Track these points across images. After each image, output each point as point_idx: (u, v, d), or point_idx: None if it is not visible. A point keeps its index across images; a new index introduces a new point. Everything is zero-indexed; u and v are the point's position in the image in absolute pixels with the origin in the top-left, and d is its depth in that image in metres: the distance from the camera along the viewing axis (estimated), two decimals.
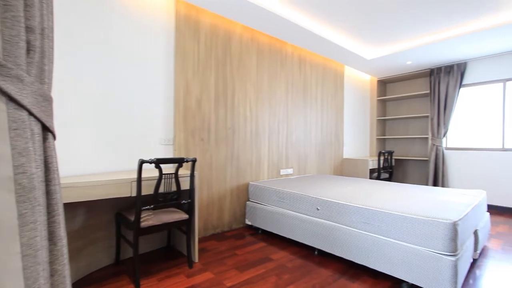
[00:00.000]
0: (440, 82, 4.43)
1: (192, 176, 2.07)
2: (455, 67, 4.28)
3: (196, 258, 2.17)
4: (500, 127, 4.01)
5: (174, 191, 1.96)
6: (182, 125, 2.57)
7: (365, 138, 5.32)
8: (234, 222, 3.01)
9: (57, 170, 0.98)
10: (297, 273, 1.99)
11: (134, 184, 1.83)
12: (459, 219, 1.63)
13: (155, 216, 1.89)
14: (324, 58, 4.21)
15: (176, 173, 1.93)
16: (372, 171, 4.52)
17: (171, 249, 2.42)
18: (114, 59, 2.18)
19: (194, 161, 2.02)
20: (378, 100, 5.30)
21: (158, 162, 1.78)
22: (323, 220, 2.26)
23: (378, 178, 4.24)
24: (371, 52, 4.17)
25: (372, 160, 4.42)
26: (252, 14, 2.73)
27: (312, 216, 2.36)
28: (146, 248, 2.36)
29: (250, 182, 3.04)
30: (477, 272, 2.05)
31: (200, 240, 2.64)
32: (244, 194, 3.10)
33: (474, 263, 2.19)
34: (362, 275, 1.97)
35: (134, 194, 1.83)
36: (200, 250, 2.40)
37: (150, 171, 2.18)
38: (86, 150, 2.05)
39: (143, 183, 1.86)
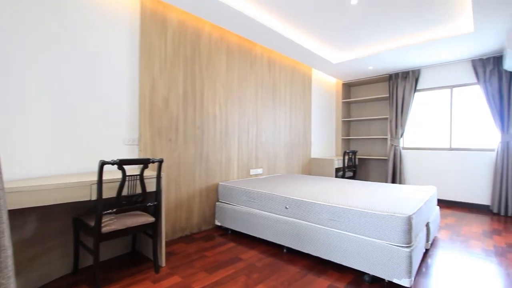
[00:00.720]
0: (397, 86, 4.78)
1: (158, 177, 2.00)
2: (411, 73, 4.65)
3: (163, 262, 2.09)
4: (448, 129, 4.44)
5: (139, 193, 1.88)
6: (148, 124, 2.47)
7: (331, 138, 5.55)
8: (203, 223, 2.96)
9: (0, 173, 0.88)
10: (266, 272, 2.01)
11: (94, 187, 1.72)
12: (413, 213, 1.77)
13: (118, 220, 1.79)
14: (292, 61, 4.31)
15: (141, 175, 1.85)
16: (337, 170, 4.73)
17: (136, 255, 2.31)
18: (73, 54, 2.02)
19: (161, 161, 1.95)
20: (343, 102, 5.56)
21: (121, 163, 1.69)
22: (291, 219, 2.32)
23: (343, 176, 4.45)
24: (336, 57, 4.36)
25: (338, 160, 4.63)
26: (220, 12, 2.70)
27: (281, 215, 2.40)
28: (108, 255, 2.23)
29: (220, 183, 3.01)
30: (429, 260, 2.24)
31: (167, 244, 2.56)
32: (213, 194, 3.06)
33: (426, 253, 2.40)
34: (328, 270, 2.05)
35: (94, 197, 1.71)
36: (167, 254, 2.32)
37: (113, 173, 2.06)
38: (41, 150, 1.87)
39: (104, 185, 1.75)
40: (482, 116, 4.13)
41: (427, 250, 2.45)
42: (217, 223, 2.96)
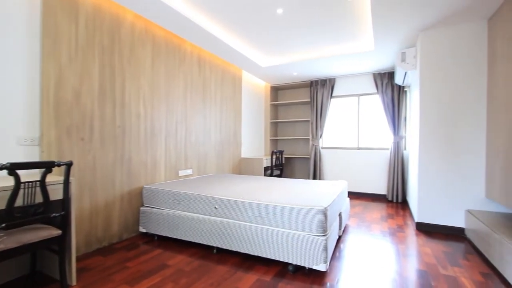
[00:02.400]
0: (317, 92, 5.32)
1: (66, 183, 1.72)
2: (328, 82, 5.24)
3: (73, 281, 1.82)
4: (356, 131, 5.18)
5: (40, 203, 1.58)
6: (53, 120, 2.10)
7: (260, 138, 5.80)
8: (125, 231, 2.69)
9: None
10: (195, 275, 1.97)
11: None
12: (328, 205, 2.00)
13: (10, 238, 1.48)
14: (223, 61, 4.33)
15: (42, 181, 1.57)
16: (266, 168, 4.97)
17: (38, 276, 1.94)
18: None
19: (69, 164, 1.69)
20: (271, 104, 5.88)
21: (12, 168, 1.39)
22: (221, 218, 2.32)
23: (271, 175, 4.70)
24: (265, 61, 4.58)
25: (266, 159, 4.87)
26: (142, 1, 2.51)
27: (210, 216, 2.39)
28: None
29: (145, 186, 2.80)
30: (341, 245, 2.57)
31: (79, 258, 2.23)
32: (137, 199, 2.82)
33: (339, 239, 2.74)
34: (256, 265, 2.13)
35: None
36: (79, 270, 2.02)
37: (4, 180, 1.68)
38: None
39: None
40: (381, 120, 4.97)
41: (339, 237, 2.80)
42: (142, 229, 2.74)
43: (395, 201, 4.56)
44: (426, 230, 3.04)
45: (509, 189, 2.22)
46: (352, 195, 5.10)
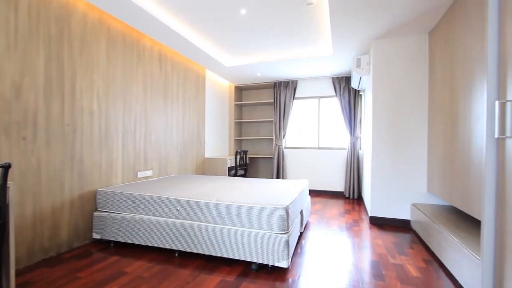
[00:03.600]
0: (280, 93, 5.45)
1: (3, 188, 1.53)
2: (290, 83, 5.40)
3: None
4: (317, 131, 5.42)
5: None
6: None
7: (224, 138, 5.76)
8: (76, 239, 2.48)
9: None
10: (155, 281, 1.88)
11: None
12: (290, 203, 2.07)
13: None
14: (186, 59, 4.21)
15: None
16: (230, 168, 4.95)
17: None
18: None
19: (6, 167, 1.50)
20: (235, 104, 5.87)
21: None
22: (183, 221, 2.26)
23: (235, 175, 4.70)
24: (229, 60, 4.56)
25: (230, 159, 4.85)
26: None
27: (171, 218, 2.30)
28: None
29: (99, 189, 2.60)
30: (303, 242, 2.67)
31: (20, 272, 1.99)
32: (90, 203, 2.61)
33: (301, 236, 2.84)
34: (220, 266, 2.11)
35: None
36: (19, 286, 1.81)
37: None
38: None
39: None
40: (339, 122, 5.26)
41: (301, 234, 2.90)
42: (96, 236, 2.54)
43: (352, 197, 4.87)
44: (378, 223, 3.30)
45: (445, 183, 2.51)
46: (313, 193, 5.32)
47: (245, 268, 2.08)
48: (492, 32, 1.39)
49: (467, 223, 2.29)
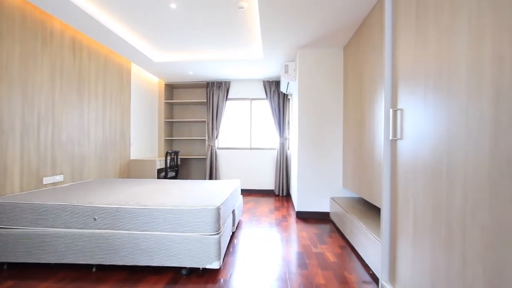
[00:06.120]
0: (213, 94, 5.41)
1: None
2: (223, 84, 5.42)
3: None
4: (249, 132, 5.58)
5: None
6: None
7: (153, 138, 5.39)
8: None
9: None
10: None
11: None
12: (221, 204, 2.07)
13: None
14: (107, 49, 3.77)
15: None
16: (160, 170, 4.66)
17: None
18: None
19: None
20: (165, 102, 5.56)
21: None
22: (101, 231, 2.01)
23: (165, 177, 4.44)
24: (158, 55, 4.28)
25: (160, 160, 4.57)
26: None
27: (87, 229, 2.03)
28: None
29: None
30: (235, 241, 2.71)
31: None
32: None
33: (233, 235, 2.88)
34: (146, 276, 1.97)
35: None
36: None
37: None
38: None
39: None
40: (269, 123, 5.53)
41: (233, 233, 2.94)
42: None
43: (281, 195, 5.19)
44: (304, 217, 3.60)
45: (356, 179, 2.92)
46: (246, 192, 5.46)
47: (175, 275, 1.99)
48: (387, 53, 1.69)
49: (373, 212, 2.71)
